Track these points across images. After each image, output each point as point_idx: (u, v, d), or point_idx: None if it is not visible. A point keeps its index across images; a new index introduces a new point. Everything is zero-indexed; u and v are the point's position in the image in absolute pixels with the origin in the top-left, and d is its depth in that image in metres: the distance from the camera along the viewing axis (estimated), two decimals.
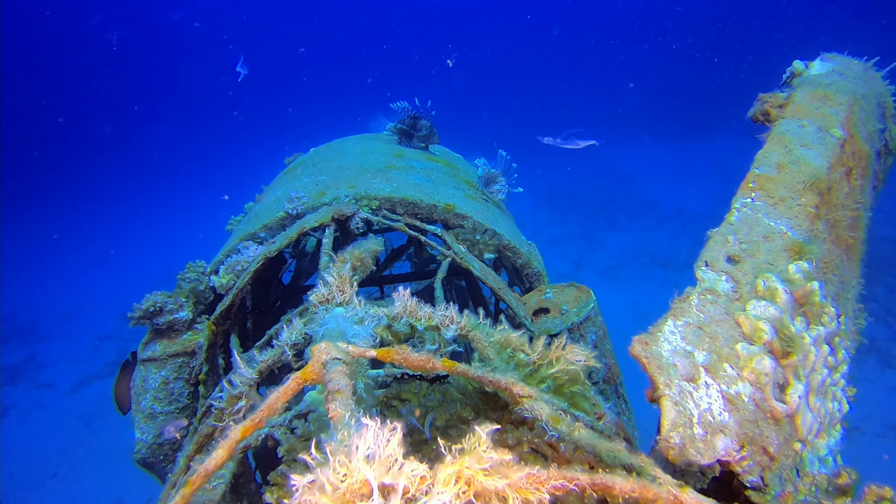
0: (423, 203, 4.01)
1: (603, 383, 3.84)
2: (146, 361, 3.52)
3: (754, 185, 1.91)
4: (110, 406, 4.09)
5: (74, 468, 12.35)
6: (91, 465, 12.28)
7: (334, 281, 1.74)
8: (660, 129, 25.93)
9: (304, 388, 1.34)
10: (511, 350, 1.81)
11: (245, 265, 3.26)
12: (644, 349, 1.36)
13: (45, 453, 12.94)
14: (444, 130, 5.75)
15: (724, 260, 1.64)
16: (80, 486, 11.84)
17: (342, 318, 1.51)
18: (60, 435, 13.46)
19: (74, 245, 24.23)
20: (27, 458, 12.80)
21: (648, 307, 15.14)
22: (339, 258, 2.02)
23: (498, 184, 4.54)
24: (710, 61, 31.15)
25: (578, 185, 23.09)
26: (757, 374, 1.37)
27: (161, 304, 3.59)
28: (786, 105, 2.47)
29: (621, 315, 15.07)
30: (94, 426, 13.19)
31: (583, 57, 35.40)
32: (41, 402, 14.71)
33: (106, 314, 18.45)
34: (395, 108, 5.53)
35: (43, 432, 13.66)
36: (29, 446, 13.18)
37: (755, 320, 1.46)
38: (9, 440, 13.46)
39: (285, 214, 3.94)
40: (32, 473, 12.45)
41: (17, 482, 12.31)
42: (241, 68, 14.11)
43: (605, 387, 3.86)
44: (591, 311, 3.70)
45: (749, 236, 1.71)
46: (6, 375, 15.95)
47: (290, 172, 5.27)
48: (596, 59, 35.39)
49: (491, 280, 3.48)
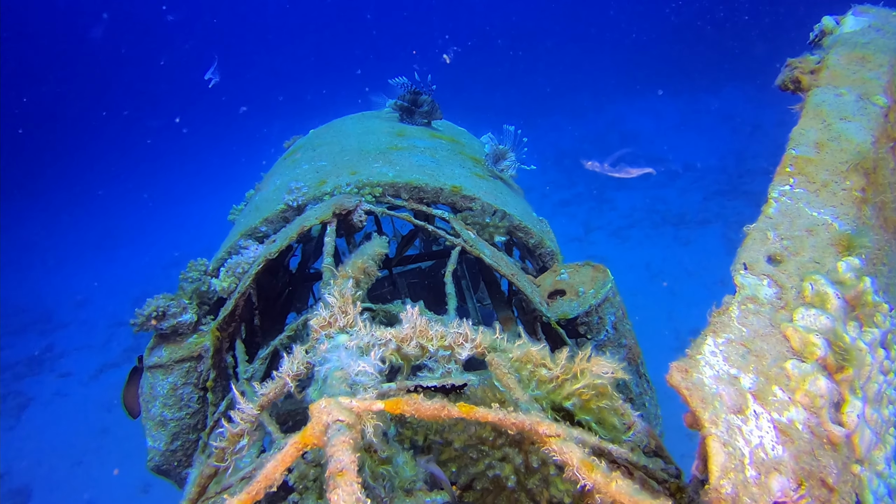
0: (429, 187, 3.83)
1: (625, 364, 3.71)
2: (153, 368, 3.42)
3: (792, 168, 1.72)
4: None
5: (99, 455, 12.52)
6: (116, 452, 12.43)
7: (336, 302, 1.60)
8: (665, 82, 25.28)
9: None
10: (532, 366, 1.66)
11: (246, 267, 3.13)
12: (684, 378, 1.21)
13: (70, 441, 13.13)
14: (445, 102, 5.53)
15: (764, 261, 1.48)
16: (107, 473, 12.01)
17: (345, 352, 1.37)
18: (83, 423, 13.63)
19: (83, 233, 24.26)
20: (53, 447, 13.00)
21: (660, 267, 14.97)
22: (341, 272, 1.87)
23: (507, 160, 4.34)
24: (716, 10, 30.15)
25: (585, 145, 22.67)
26: (811, 398, 1.22)
27: (164, 308, 3.48)
28: (819, 70, 2.26)
29: (634, 276, 14.94)
30: (115, 413, 13.30)
31: (581, 9, 34.41)
32: (62, 392, 14.88)
33: (119, 300, 18.52)
34: (395, 84, 5.30)
35: (66, 421, 13.85)
36: (54, 435, 13.38)
37: (805, 333, 1.30)
38: (34, 429, 13.67)
39: (286, 206, 3.78)
40: (59, 461, 12.65)
41: (45, 470, 12.52)
42: (211, 75, 13.71)
43: (627, 368, 3.72)
44: (608, 292, 3.54)
45: (791, 231, 1.54)
46: (27, 366, 16.13)
47: (290, 157, 5.09)
48: (596, 10, 34.40)
49: (504, 267, 3.32)
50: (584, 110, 25.83)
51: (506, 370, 1.50)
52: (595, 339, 3.56)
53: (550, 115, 25.91)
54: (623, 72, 28.18)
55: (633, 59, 29.34)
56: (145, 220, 24.31)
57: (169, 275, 18.85)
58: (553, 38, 33.28)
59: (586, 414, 1.66)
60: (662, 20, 31.82)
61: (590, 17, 33.96)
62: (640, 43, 30.77)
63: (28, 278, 20.58)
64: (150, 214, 24.70)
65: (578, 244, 16.59)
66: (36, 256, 22.39)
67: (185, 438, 3.47)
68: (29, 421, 14.10)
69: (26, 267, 21.53)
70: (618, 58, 30.34)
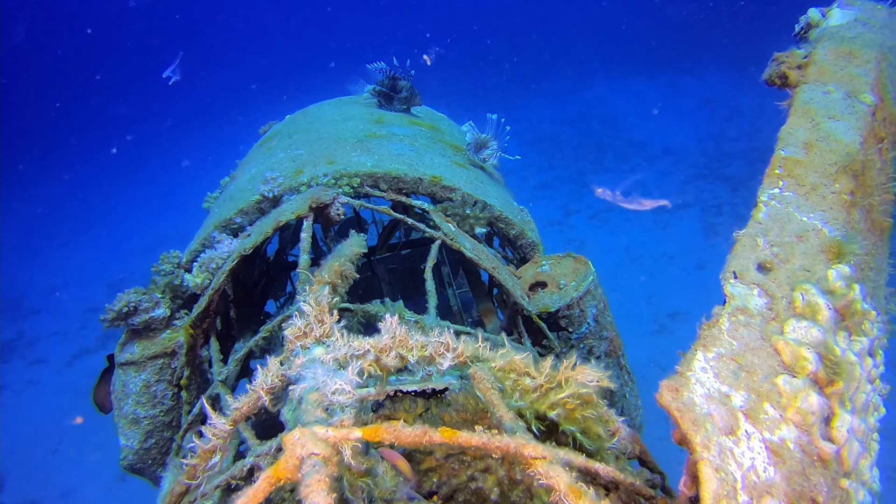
0: (408, 177, 3.75)
1: (605, 357, 3.70)
2: (125, 365, 3.31)
3: (781, 170, 1.68)
4: None
5: (76, 443, 12.32)
6: (93, 440, 12.25)
7: (311, 310, 1.53)
8: (644, 65, 25.28)
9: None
10: (515, 375, 1.61)
11: (220, 262, 3.03)
12: (675, 398, 1.17)
13: (45, 430, 12.91)
14: (422, 85, 5.40)
15: (754, 268, 1.44)
16: (84, 461, 11.84)
17: (321, 369, 1.30)
18: (58, 410, 13.40)
19: (55, 216, 23.69)
20: (27, 436, 12.78)
21: (639, 251, 15.05)
22: (317, 278, 1.79)
23: (489, 148, 4.26)
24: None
25: (564, 128, 22.62)
26: (803, 415, 1.19)
27: (135, 303, 3.36)
28: (806, 66, 2.21)
29: (613, 260, 15.02)
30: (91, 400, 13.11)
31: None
32: (35, 379, 14.60)
33: (93, 285, 18.18)
34: (373, 69, 5.17)
35: (40, 409, 13.61)
36: (28, 423, 13.14)
37: (797, 347, 1.26)
38: (7, 418, 13.40)
39: (261, 197, 3.67)
40: (34, 450, 12.44)
41: (20, 459, 12.31)
42: (171, 73, 13.30)
43: (608, 360, 3.72)
44: (590, 285, 3.51)
45: (780, 237, 1.50)
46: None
47: (266, 144, 4.96)
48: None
49: (485, 260, 3.27)
50: (564, 92, 25.75)
51: (489, 385, 1.45)
52: (576, 331, 3.53)
53: (530, 98, 25.80)
54: (603, 54, 28.12)
55: (612, 42, 29.27)
56: (119, 204, 23.78)
57: (145, 259, 18.48)
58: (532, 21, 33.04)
59: (571, 424, 1.62)
60: (642, 2, 31.74)
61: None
62: (619, 25, 30.69)
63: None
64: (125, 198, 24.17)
65: (558, 227, 16.61)
66: (3, 242, 21.81)
67: (159, 436, 3.39)
68: (1, 409, 13.83)
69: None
70: (597, 40, 30.24)
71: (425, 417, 1.96)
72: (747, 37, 24.89)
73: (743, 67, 23.10)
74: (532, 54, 29.83)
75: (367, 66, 5.23)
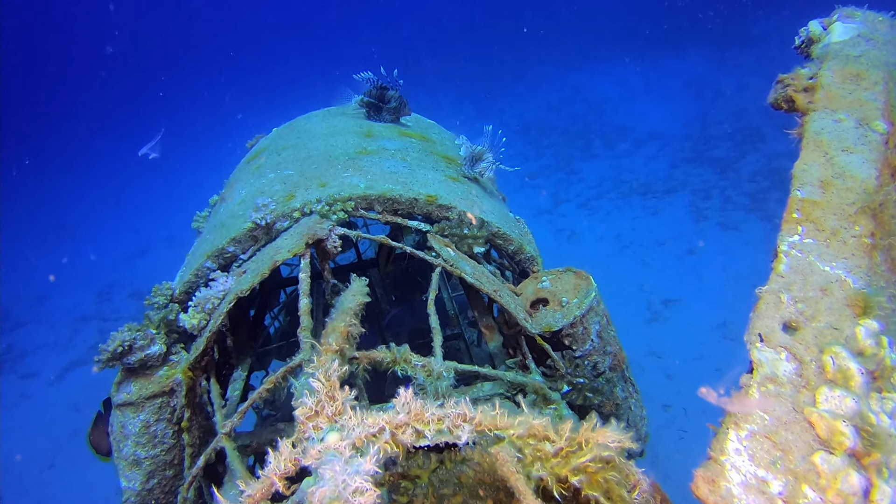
0: (403, 198, 3.67)
1: (610, 372, 3.67)
2: (122, 406, 3.23)
3: (799, 214, 1.62)
4: (99, 393, 3.83)
5: (71, 458, 12.20)
6: (87, 454, 12.12)
7: (322, 387, 1.47)
8: (626, 48, 25.19)
9: None
10: (535, 441, 1.56)
11: (216, 301, 2.95)
12: (712, 491, 1.12)
13: (39, 444, 12.78)
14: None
15: (780, 329, 1.39)
16: (79, 476, 11.73)
17: (339, 463, 1.25)
18: (52, 424, 13.26)
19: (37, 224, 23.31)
20: (21, 451, 12.63)
21: (630, 238, 15.06)
22: (323, 346, 1.72)
23: (484, 161, 4.18)
24: None
25: (549, 116, 22.54)
26: (844, 497, 1.15)
27: (130, 342, 3.27)
28: (812, 89, 2.16)
29: (605, 248, 15.03)
30: (85, 413, 12.92)
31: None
32: (27, 393, 14.43)
33: (80, 294, 17.96)
34: (360, 79, 5.06)
35: (34, 423, 13.46)
36: (21, 439, 12.99)
37: (832, 421, 1.22)
38: (1, 434, 13.25)
39: (254, 225, 3.58)
40: (29, 466, 12.31)
41: (15, 475, 12.18)
42: (149, 150, 12.94)
43: (612, 375, 3.69)
44: (592, 301, 3.46)
45: (804, 292, 1.45)
46: None
47: (254, 162, 4.85)
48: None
49: (486, 283, 3.21)
50: (547, 79, 25.62)
51: (513, 468, 1.40)
52: (580, 349, 3.49)
53: (513, 86, 25.65)
54: (584, 39, 27.98)
55: (594, 26, 29.13)
56: (103, 209, 23.45)
57: (132, 265, 18.28)
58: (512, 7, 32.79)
59: (594, 489, 1.57)
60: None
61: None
62: (600, 9, 30.53)
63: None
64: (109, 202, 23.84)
65: (548, 217, 16.58)
66: None
67: (161, 476, 3.32)
68: None
69: None
70: (578, 24, 30.09)
71: (440, 473, 1.90)
72: (727, 17, 24.86)
73: (725, 48, 23.13)
74: (513, 41, 29.63)
75: (353, 76, 5.12)
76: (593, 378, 3.43)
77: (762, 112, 18.48)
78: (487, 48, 29.56)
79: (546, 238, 15.54)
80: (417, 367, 2.19)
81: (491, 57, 28.72)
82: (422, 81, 25.85)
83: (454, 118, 24.08)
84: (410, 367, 2.18)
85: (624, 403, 3.85)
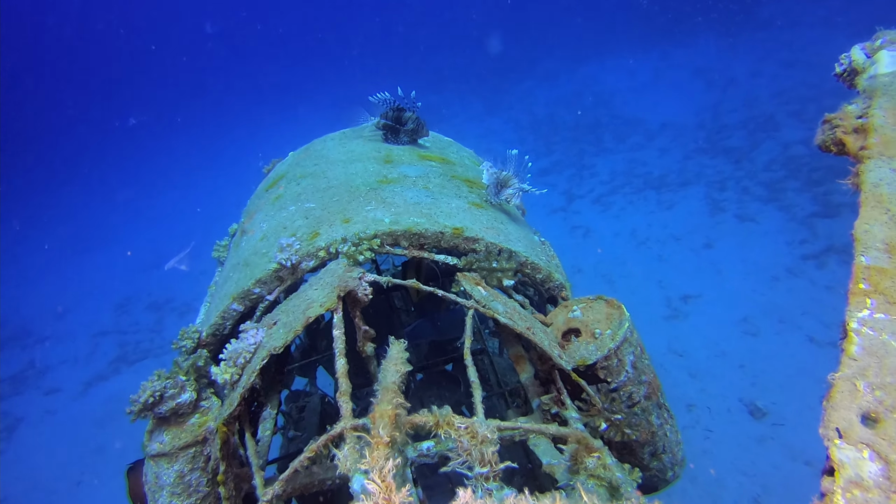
0: (429, 232, 3.61)
1: (645, 401, 3.60)
2: (156, 457, 3.22)
3: (867, 286, 1.54)
4: (122, 407, 3.84)
5: (98, 474, 12.32)
6: (113, 469, 12.23)
7: (378, 490, 1.42)
8: (634, 39, 24.89)
9: None
10: None
11: (247, 356, 2.91)
12: None
13: (66, 461, 12.91)
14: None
15: (859, 422, 1.32)
16: (107, 492, 11.83)
17: None
18: (77, 441, 13.39)
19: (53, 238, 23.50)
20: (49, 468, 12.78)
21: (646, 233, 14.90)
22: (374, 438, 1.67)
23: (510, 188, 4.10)
24: None
25: (559, 110, 22.34)
26: None
27: (160, 391, 3.25)
28: (864, 131, 2.06)
29: (620, 245, 14.88)
30: (109, 429, 13.07)
31: None
32: (51, 409, 14.57)
33: (99, 308, 18.07)
34: (375, 100, 5.00)
35: (59, 440, 13.60)
36: (49, 455, 13.14)
37: None
38: (27, 451, 13.40)
39: (279, 266, 3.54)
40: (57, 482, 12.44)
41: (44, 492, 12.31)
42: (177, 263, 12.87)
43: (648, 403, 3.62)
44: (626, 332, 3.39)
45: (881, 377, 1.38)
46: (10, 385, 15.74)
47: (273, 191, 4.80)
48: None
49: (519, 322, 3.15)
50: (556, 73, 25.39)
51: None
52: (615, 381, 3.42)
53: (522, 82, 25.45)
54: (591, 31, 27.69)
55: (600, 18, 28.80)
56: (117, 220, 23.60)
57: (149, 278, 18.35)
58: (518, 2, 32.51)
59: None
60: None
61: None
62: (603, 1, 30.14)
63: (2, 292, 19.91)
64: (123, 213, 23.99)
65: (562, 214, 16.45)
66: (5, 268, 21.64)
67: None
68: (20, 442, 13.81)
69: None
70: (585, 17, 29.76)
71: None
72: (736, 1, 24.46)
73: (735, 33, 22.78)
74: (521, 36, 29.39)
75: (369, 97, 5.06)
76: (630, 412, 3.36)
77: (775, 98, 18.20)
78: (494, 44, 29.35)
79: (560, 236, 15.40)
80: (461, 429, 2.13)
81: (498, 52, 28.52)
82: (428, 79, 25.76)
83: (462, 115, 23.98)
84: (454, 431, 2.12)
85: (660, 430, 3.78)
